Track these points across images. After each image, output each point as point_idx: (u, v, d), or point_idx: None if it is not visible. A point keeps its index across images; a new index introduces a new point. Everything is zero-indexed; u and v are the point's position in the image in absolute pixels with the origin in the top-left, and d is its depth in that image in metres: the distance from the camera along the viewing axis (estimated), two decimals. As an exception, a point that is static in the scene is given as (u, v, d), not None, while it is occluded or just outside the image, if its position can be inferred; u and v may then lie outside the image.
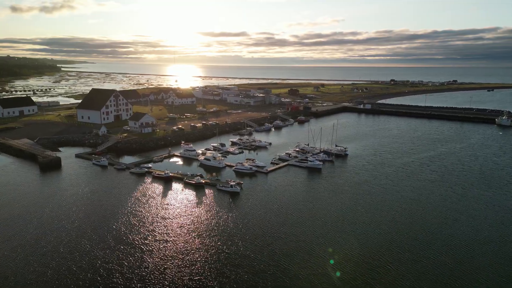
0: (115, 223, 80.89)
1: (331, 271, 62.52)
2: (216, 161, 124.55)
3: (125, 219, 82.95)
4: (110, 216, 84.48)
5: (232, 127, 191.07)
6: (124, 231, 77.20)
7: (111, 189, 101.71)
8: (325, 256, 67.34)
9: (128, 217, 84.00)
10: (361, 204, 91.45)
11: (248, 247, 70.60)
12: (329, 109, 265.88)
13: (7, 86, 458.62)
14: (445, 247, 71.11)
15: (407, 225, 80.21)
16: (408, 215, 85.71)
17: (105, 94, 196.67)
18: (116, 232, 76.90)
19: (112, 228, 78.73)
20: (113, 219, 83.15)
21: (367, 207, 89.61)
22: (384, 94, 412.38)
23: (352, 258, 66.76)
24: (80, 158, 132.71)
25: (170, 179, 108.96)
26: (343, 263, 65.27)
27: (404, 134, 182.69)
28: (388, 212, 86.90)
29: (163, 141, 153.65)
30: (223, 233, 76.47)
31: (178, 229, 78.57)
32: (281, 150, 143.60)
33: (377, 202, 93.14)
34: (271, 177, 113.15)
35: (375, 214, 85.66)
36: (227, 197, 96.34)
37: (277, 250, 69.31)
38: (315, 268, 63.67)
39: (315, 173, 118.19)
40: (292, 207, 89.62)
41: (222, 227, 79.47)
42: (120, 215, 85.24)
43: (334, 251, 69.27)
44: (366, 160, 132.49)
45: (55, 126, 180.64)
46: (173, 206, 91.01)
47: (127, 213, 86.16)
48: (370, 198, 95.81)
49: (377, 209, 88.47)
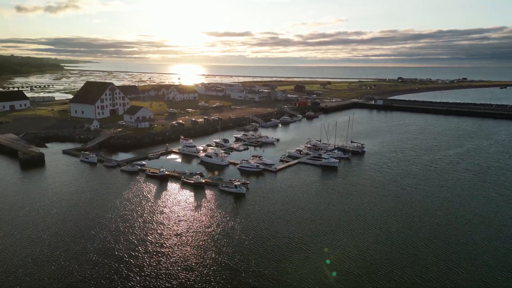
0: (99, 231, 67.36)
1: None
2: (218, 158, 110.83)
3: (111, 226, 69.38)
4: (94, 222, 70.96)
5: (236, 122, 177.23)
6: (109, 241, 63.65)
7: (98, 190, 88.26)
8: (359, 276, 53.46)
9: (114, 223, 70.45)
10: (392, 207, 77.30)
11: (260, 263, 56.78)
12: (338, 105, 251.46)
13: (6, 83, 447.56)
14: (500, 265, 56.96)
15: (450, 232, 66.04)
16: (449, 220, 71.47)
17: (100, 87, 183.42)
18: (100, 242, 63.33)
19: (95, 236, 65.20)
20: (97, 225, 69.62)
21: (399, 211, 75.47)
22: (394, 91, 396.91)
23: (392, 279, 52.81)
24: (67, 154, 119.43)
25: (165, 178, 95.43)
26: (379, 282, 51.36)
27: (423, 130, 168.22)
28: (425, 217, 72.69)
29: (161, 137, 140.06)
30: (227, 244, 62.72)
31: (173, 239, 64.87)
32: (290, 147, 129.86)
33: (409, 204, 78.98)
34: (281, 176, 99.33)
35: (409, 219, 71.51)
36: (230, 199, 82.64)
37: (292, 268, 55.46)
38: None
39: (330, 171, 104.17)
40: (307, 211, 75.71)
41: (225, 235, 65.70)
42: (106, 220, 71.70)
43: (369, 270, 55.35)
44: (387, 158, 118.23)
45: (46, 121, 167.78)
46: (168, 209, 77.36)
47: (114, 219, 72.59)
48: (399, 200, 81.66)
49: (411, 213, 74.31)
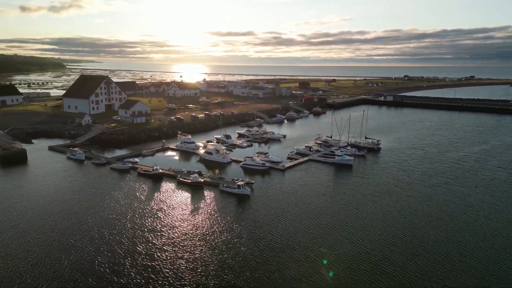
0: (78, 240, 56.52)
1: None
2: (219, 155, 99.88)
3: (93, 234, 58.51)
4: (74, 229, 60.14)
5: (239, 118, 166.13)
6: (90, 252, 52.80)
7: (82, 190, 77.44)
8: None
9: (97, 231, 59.57)
10: (424, 210, 65.98)
11: (269, 278, 45.72)
12: (346, 101, 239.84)
13: (4, 80, 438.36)
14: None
15: (498, 241, 54.73)
16: (493, 226, 60.08)
17: (95, 81, 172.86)
18: (78, 253, 52.47)
19: (73, 247, 54.36)
20: (77, 233, 58.79)
21: (433, 214, 64.14)
22: (401, 88, 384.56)
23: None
24: (53, 151, 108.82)
25: (159, 177, 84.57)
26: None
27: (440, 126, 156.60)
28: (465, 222, 61.36)
29: (157, 132, 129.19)
30: (228, 256, 51.68)
31: (165, 249, 53.91)
32: (298, 143, 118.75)
33: (443, 207, 67.59)
34: (290, 175, 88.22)
35: (447, 224, 60.22)
36: (233, 201, 71.61)
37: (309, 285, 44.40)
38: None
39: (344, 170, 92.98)
40: (322, 216, 64.56)
41: (227, 245, 54.68)
42: (87, 227, 60.85)
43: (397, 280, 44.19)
44: (407, 155, 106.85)
45: (36, 116, 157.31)
46: (161, 213, 66.38)
47: (97, 225, 61.72)
48: (431, 202, 70.31)
49: (446, 217, 62.96)
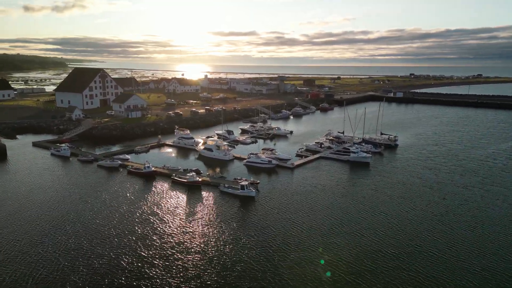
0: (50, 251, 46.38)
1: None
2: (220, 151, 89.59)
3: (69, 244, 48.37)
4: (48, 236, 50.05)
5: (242, 113, 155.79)
6: (63, 266, 42.67)
7: (63, 190, 67.36)
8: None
9: (74, 239, 49.45)
10: (464, 215, 55.45)
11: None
12: (354, 97, 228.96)
13: (2, 77, 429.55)
14: None
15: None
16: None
17: (89, 74, 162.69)
18: (46, 271, 42.31)
19: (42, 258, 44.24)
20: (50, 241, 48.67)
21: (476, 219, 53.59)
22: (409, 86, 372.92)
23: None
24: (37, 147, 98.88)
25: (151, 176, 74.36)
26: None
27: (458, 122, 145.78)
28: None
29: (153, 127, 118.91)
30: (231, 276, 41.34)
31: (153, 264, 43.67)
32: (307, 140, 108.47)
33: (484, 211, 57.03)
34: (300, 174, 77.84)
35: (497, 231, 49.70)
36: (235, 204, 61.33)
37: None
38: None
39: (361, 168, 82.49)
40: (340, 223, 54.16)
41: (227, 260, 44.36)
42: (63, 235, 50.74)
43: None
44: (429, 151, 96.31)
45: (26, 111, 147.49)
46: (150, 218, 56.15)
47: (75, 233, 51.60)
48: (469, 204, 59.75)
49: (491, 222, 52.45)
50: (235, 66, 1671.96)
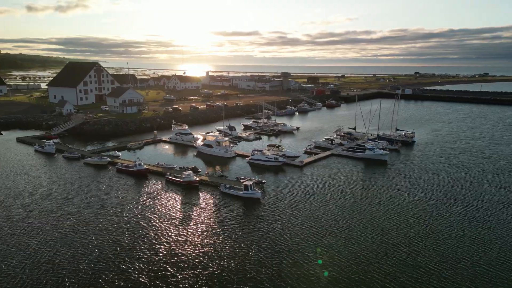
0: (16, 264, 38.22)
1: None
2: (221, 148, 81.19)
3: (39, 256, 40.09)
4: (15, 246, 41.80)
5: (245, 110, 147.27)
6: (27, 283, 34.41)
7: (42, 190, 59.14)
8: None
9: (48, 251, 41.16)
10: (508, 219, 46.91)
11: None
12: (361, 94, 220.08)
13: (1, 74, 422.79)
14: None
15: None
16: None
17: (84, 68, 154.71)
18: (17, 280, 34.14)
19: (10, 269, 36.07)
20: (15, 251, 40.42)
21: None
22: (416, 84, 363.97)
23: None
24: (22, 143, 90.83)
25: (143, 174, 66.03)
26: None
27: (474, 119, 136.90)
28: None
29: (149, 123, 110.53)
30: None
31: (141, 281, 35.34)
32: (315, 136, 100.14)
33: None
34: (310, 173, 69.35)
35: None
36: (238, 207, 52.90)
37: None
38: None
39: (378, 166, 73.89)
40: (360, 229, 45.68)
41: (227, 275, 35.97)
42: (36, 245, 42.48)
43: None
44: (450, 148, 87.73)
45: (17, 107, 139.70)
46: (141, 223, 47.80)
47: (51, 240, 43.37)
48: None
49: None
50: (237, 66, 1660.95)
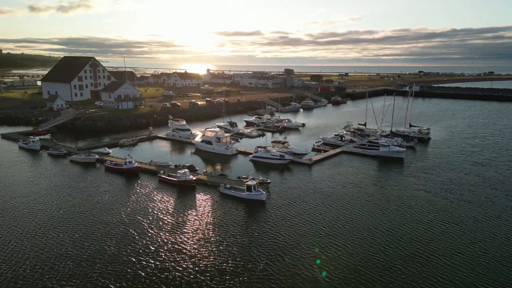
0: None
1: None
2: (221, 144, 74.40)
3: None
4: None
5: (247, 106, 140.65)
6: None
7: (21, 189, 52.52)
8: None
9: (30, 255, 34.55)
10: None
11: None
12: (367, 91, 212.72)
13: (2, 73, 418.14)
14: None
15: None
16: None
17: (79, 63, 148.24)
18: None
19: None
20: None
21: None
22: (421, 81, 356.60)
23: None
24: (6, 139, 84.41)
25: (134, 173, 59.36)
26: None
27: (489, 115, 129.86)
28: None
29: (145, 119, 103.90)
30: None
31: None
32: (323, 133, 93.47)
33: None
34: (320, 172, 62.53)
35: None
36: (240, 210, 46.12)
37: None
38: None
39: (394, 164, 67.04)
40: (382, 234, 38.87)
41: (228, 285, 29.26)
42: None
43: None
44: (470, 145, 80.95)
45: (8, 102, 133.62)
46: (128, 229, 41.09)
47: (22, 252, 36.67)
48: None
49: None
50: (239, 65, 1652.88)
